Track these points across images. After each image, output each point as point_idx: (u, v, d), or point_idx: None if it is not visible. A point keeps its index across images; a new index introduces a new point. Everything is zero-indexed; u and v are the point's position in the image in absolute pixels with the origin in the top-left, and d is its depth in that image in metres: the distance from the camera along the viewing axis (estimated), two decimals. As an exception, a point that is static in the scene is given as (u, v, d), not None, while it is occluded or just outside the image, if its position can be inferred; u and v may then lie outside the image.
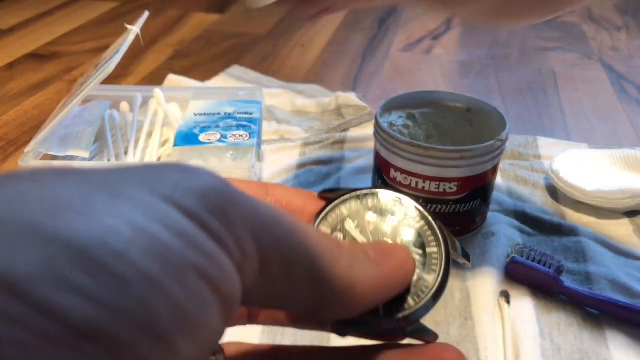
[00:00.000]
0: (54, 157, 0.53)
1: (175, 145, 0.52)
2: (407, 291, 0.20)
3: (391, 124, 0.50)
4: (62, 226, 0.10)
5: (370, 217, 0.21)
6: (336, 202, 0.22)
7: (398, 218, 0.21)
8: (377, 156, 0.49)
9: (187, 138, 0.53)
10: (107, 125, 0.58)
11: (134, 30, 0.53)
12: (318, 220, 0.21)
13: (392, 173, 0.47)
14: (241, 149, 0.52)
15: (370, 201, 0.22)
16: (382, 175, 0.49)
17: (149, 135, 0.58)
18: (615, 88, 0.81)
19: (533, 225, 0.53)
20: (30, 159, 0.51)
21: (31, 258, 0.10)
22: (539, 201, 0.57)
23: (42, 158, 0.53)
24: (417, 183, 0.46)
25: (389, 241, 0.21)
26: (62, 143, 0.53)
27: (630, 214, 0.54)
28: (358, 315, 0.18)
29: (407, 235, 0.21)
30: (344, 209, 0.22)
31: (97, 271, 0.10)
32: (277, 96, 0.76)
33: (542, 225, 0.53)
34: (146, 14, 0.55)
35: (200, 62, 0.88)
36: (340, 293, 0.16)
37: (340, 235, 0.21)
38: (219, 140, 0.52)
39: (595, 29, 1.03)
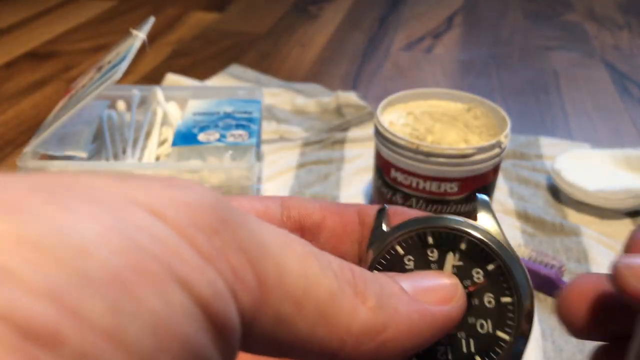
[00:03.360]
0: (52, 157, 0.53)
1: (174, 144, 0.52)
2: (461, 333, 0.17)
3: (392, 123, 0.49)
4: (14, 221, 0.09)
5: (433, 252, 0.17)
6: (392, 237, 0.17)
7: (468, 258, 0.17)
8: (378, 156, 0.49)
9: (186, 137, 0.52)
10: (105, 124, 0.57)
11: (140, 36, 0.52)
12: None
13: (393, 173, 0.47)
14: (240, 148, 0.52)
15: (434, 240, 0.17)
16: (383, 175, 0.48)
17: (148, 134, 0.58)
18: (617, 87, 0.81)
19: (535, 226, 0.53)
20: (28, 159, 0.50)
21: None
22: (540, 201, 0.56)
23: (39, 158, 0.52)
24: (417, 183, 0.46)
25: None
26: (59, 143, 0.53)
27: (633, 214, 0.54)
28: None
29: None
30: (399, 248, 0.17)
31: (53, 266, 0.09)
32: (276, 95, 0.75)
33: (544, 225, 0.52)
34: (152, 19, 0.54)
35: (199, 61, 0.87)
36: (366, 338, 0.13)
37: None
38: (218, 140, 0.52)
39: (597, 28, 1.02)
